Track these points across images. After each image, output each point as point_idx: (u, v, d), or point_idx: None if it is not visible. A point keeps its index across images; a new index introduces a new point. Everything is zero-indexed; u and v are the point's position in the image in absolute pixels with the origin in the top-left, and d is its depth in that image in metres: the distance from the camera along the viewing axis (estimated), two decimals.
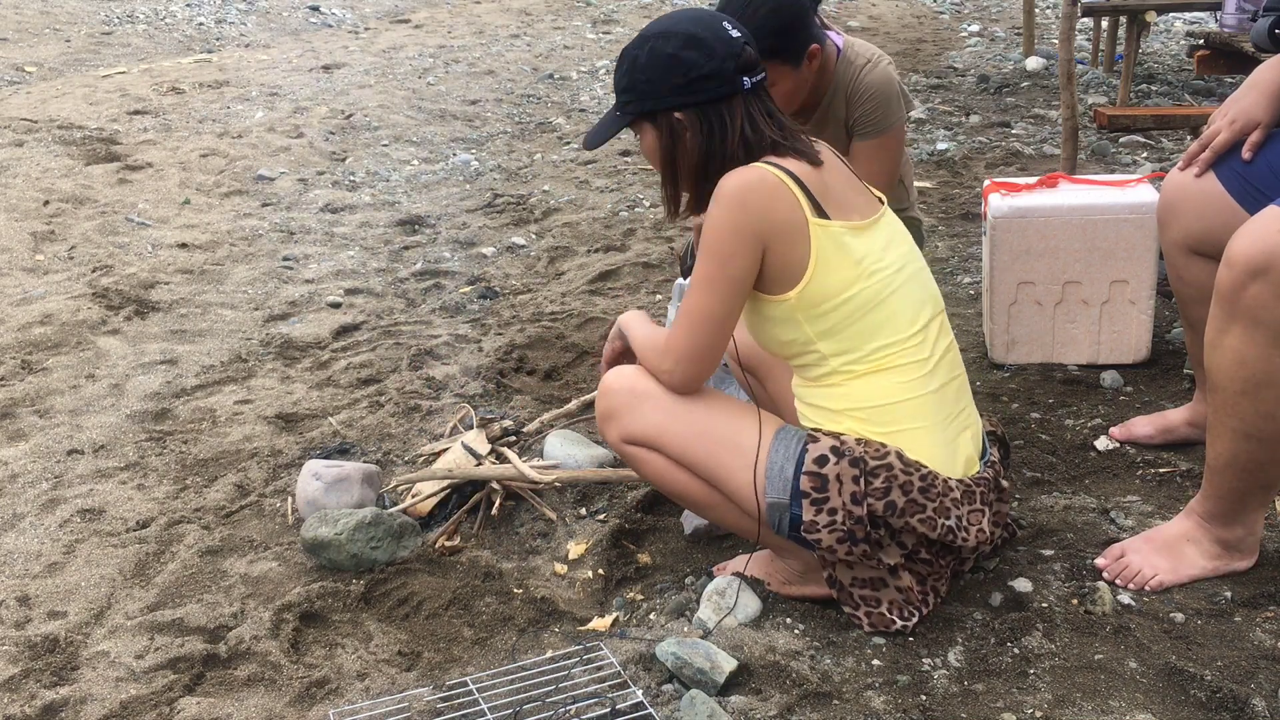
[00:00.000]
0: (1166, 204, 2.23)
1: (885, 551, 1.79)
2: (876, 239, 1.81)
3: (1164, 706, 1.65)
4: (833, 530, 1.75)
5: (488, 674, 1.87)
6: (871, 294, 1.77)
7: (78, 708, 1.90)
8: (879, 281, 1.77)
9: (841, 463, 1.75)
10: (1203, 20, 8.10)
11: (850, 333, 1.78)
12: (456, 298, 3.83)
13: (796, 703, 1.68)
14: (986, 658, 1.77)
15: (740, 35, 1.81)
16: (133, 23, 10.06)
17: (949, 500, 1.78)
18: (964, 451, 1.86)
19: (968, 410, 1.90)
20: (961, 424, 1.87)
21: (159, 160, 5.60)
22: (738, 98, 1.80)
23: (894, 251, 1.83)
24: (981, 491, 1.84)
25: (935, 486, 1.77)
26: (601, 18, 10.24)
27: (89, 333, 3.60)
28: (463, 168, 5.66)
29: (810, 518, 1.76)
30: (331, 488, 2.41)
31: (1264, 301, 1.77)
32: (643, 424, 1.88)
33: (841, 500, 1.74)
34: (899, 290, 1.80)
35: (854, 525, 1.74)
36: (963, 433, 1.86)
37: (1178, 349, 2.93)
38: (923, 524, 1.76)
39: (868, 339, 1.78)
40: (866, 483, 1.74)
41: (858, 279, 1.76)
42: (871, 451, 1.76)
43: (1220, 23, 5.28)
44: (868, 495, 1.74)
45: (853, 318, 1.77)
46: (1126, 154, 5.07)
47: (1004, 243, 2.83)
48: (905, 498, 1.74)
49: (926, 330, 1.83)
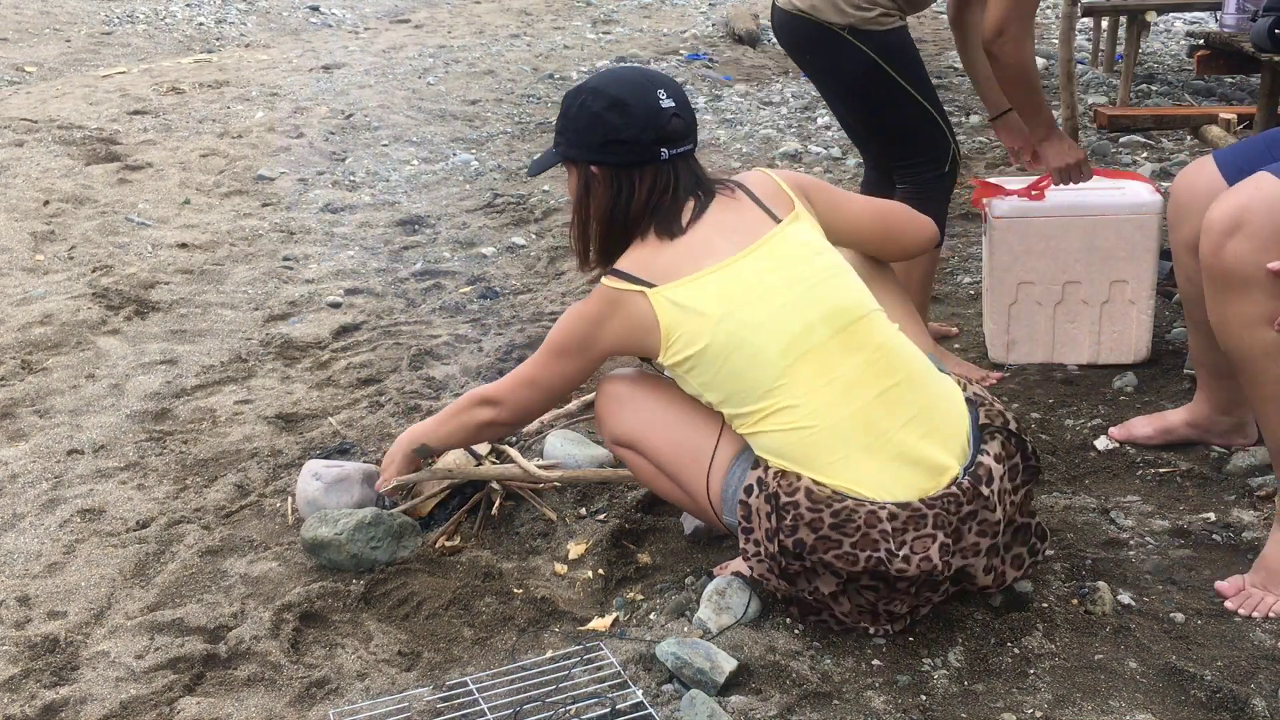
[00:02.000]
0: (1177, 204, 2.24)
1: (820, 580, 1.76)
2: (740, 276, 1.81)
3: (1164, 706, 1.65)
4: (760, 561, 1.79)
5: (488, 674, 1.87)
6: (724, 339, 1.78)
7: (78, 708, 1.90)
8: (733, 325, 1.78)
9: (760, 497, 1.77)
10: (1203, 20, 8.10)
11: (720, 380, 1.80)
12: (456, 298, 3.83)
13: (796, 703, 1.68)
14: (986, 658, 1.77)
15: (671, 106, 1.86)
16: (133, 23, 10.06)
17: (876, 532, 1.68)
18: (918, 464, 1.74)
19: (922, 414, 1.77)
20: (912, 434, 1.75)
21: (159, 160, 5.60)
22: (650, 166, 1.87)
23: (770, 278, 1.80)
24: (937, 513, 1.70)
25: (855, 520, 1.69)
26: (601, 18, 10.24)
27: (89, 333, 3.60)
28: (463, 168, 5.66)
29: (743, 545, 1.81)
30: (331, 488, 2.41)
31: (1244, 255, 1.75)
32: (626, 427, 1.98)
33: (760, 534, 1.77)
34: (767, 323, 1.77)
35: (769, 559, 1.76)
36: (918, 443, 1.75)
37: (1178, 349, 2.93)
38: (839, 559, 1.69)
39: (738, 382, 1.78)
40: (778, 518, 1.73)
41: (703, 330, 1.79)
42: (785, 486, 1.74)
43: (1220, 23, 5.28)
44: (779, 532, 1.73)
45: (714, 365, 1.79)
46: (1126, 154, 5.07)
47: (1004, 243, 2.83)
48: (814, 535, 1.70)
49: (818, 353, 1.77)
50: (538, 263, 4.20)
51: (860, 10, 2.63)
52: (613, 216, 1.91)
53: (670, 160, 1.88)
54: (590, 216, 1.95)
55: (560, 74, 7.87)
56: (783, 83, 7.23)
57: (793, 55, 2.90)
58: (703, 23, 9.59)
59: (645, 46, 8.73)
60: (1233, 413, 2.37)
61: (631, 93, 1.86)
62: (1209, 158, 2.20)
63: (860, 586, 1.74)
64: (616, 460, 2.55)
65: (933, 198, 2.77)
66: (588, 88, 1.90)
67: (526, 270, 4.13)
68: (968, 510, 1.73)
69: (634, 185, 1.88)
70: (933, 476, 1.74)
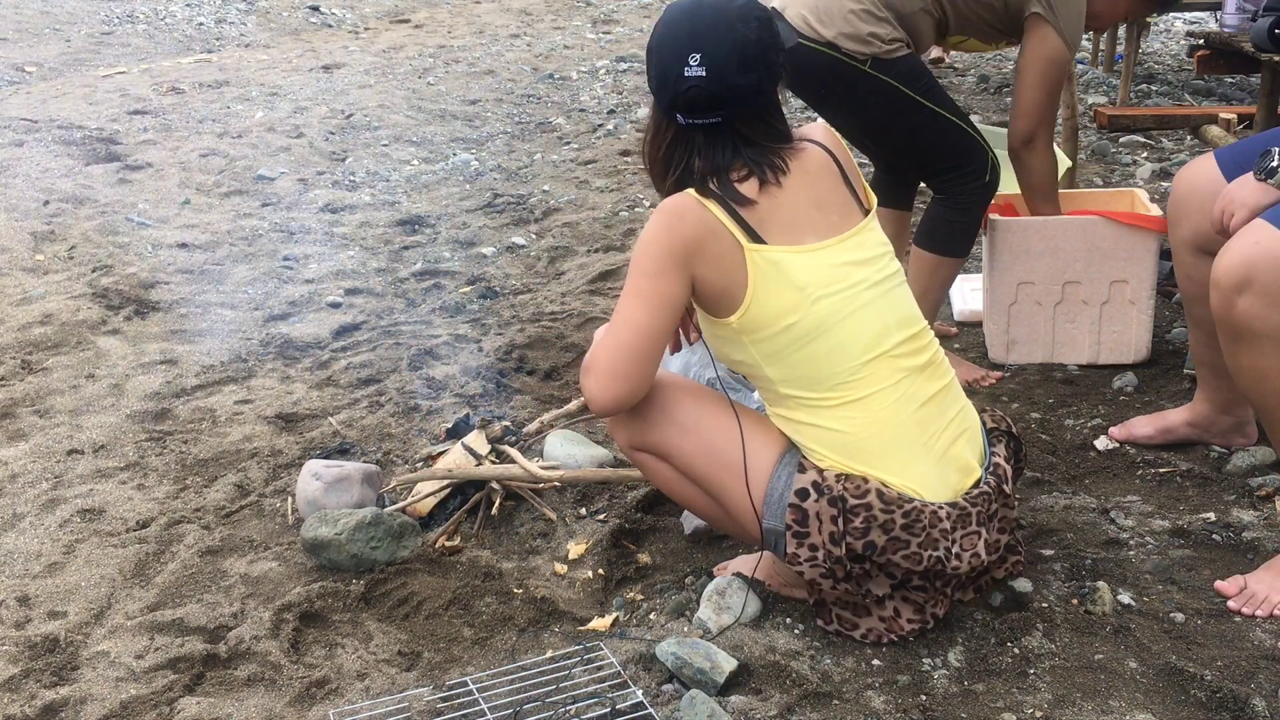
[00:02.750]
0: (1177, 202, 2.24)
1: (874, 582, 1.77)
2: (832, 261, 1.75)
3: (1164, 706, 1.65)
4: (814, 565, 1.74)
5: (488, 674, 1.87)
6: (815, 321, 1.72)
7: (78, 708, 1.90)
8: (826, 308, 1.72)
9: (821, 500, 1.72)
10: (1203, 20, 8.10)
11: (794, 360, 1.74)
12: (456, 298, 3.83)
13: (796, 703, 1.68)
14: (986, 658, 1.77)
15: (698, 75, 1.71)
16: (133, 23, 10.05)
17: (937, 531, 1.71)
18: (956, 466, 1.80)
19: (959, 417, 1.83)
20: (951, 436, 1.80)
21: (159, 160, 5.60)
22: (674, 124, 1.78)
23: (858, 272, 1.77)
24: (978, 511, 1.77)
25: (921, 520, 1.71)
26: (601, 18, 10.24)
27: (89, 333, 3.60)
28: (463, 168, 5.66)
29: (793, 550, 1.75)
30: (331, 488, 2.41)
31: (1255, 312, 1.79)
32: (647, 432, 1.87)
33: (821, 538, 1.72)
34: (854, 315, 1.74)
35: (834, 564, 1.73)
36: (954, 444, 1.80)
37: (1178, 349, 2.93)
38: (907, 560, 1.71)
39: (814, 367, 1.74)
40: (846, 521, 1.71)
41: (798, 305, 1.71)
42: (851, 489, 1.72)
43: (1220, 23, 5.28)
44: (846, 534, 1.71)
45: (796, 345, 1.73)
46: (1126, 154, 5.07)
47: (1004, 243, 2.83)
48: (886, 536, 1.70)
49: (893, 354, 1.77)
50: (538, 263, 4.20)
51: (881, 43, 2.59)
52: (653, 155, 1.84)
53: (689, 128, 1.77)
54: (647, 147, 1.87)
55: (560, 74, 7.86)
56: None
57: (803, 89, 2.77)
58: None
59: (645, 47, 8.72)
60: (1233, 412, 2.37)
61: (669, 45, 1.75)
62: (1209, 156, 2.20)
63: (911, 588, 1.77)
64: (616, 460, 2.55)
65: (974, 207, 2.75)
66: (662, 20, 1.81)
67: (526, 270, 4.13)
68: (994, 509, 1.81)
69: (661, 132, 1.82)
70: (965, 477, 1.81)
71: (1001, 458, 1.88)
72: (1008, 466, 1.87)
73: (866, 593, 1.78)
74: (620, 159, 5.64)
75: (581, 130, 6.36)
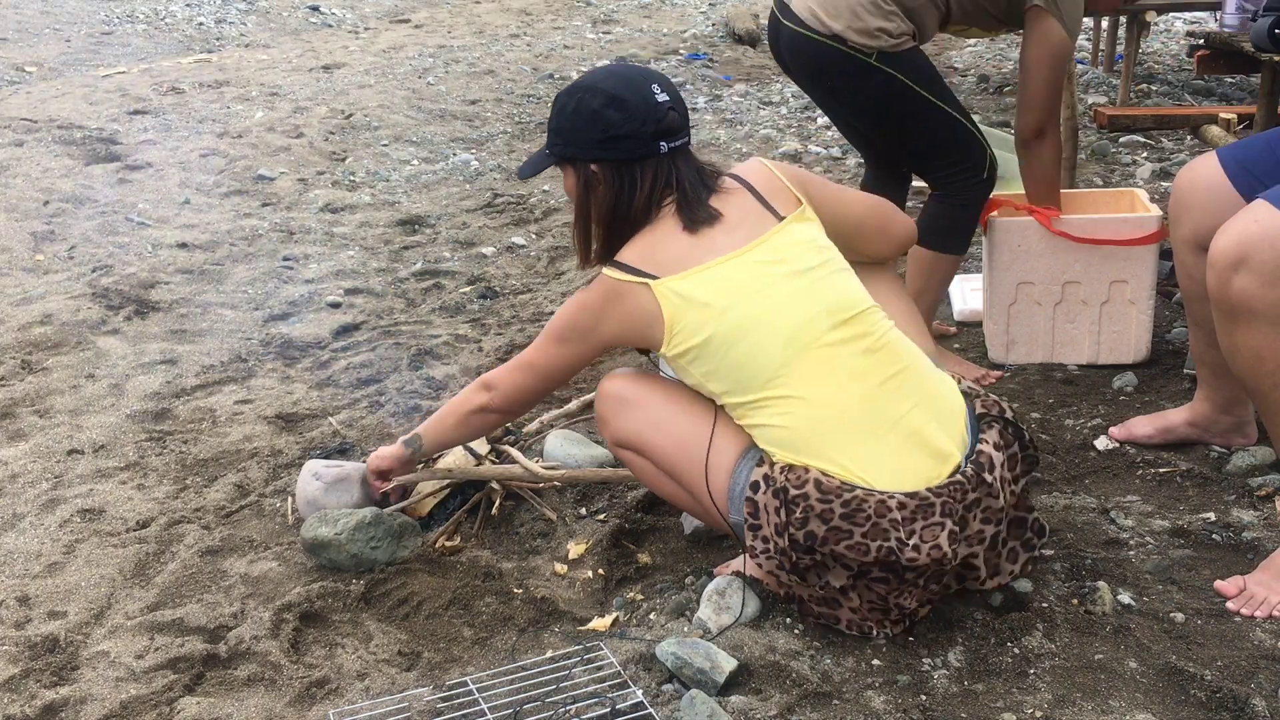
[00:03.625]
0: (1177, 201, 2.24)
1: (831, 574, 1.77)
2: (734, 271, 1.81)
3: (1164, 706, 1.65)
4: (769, 558, 1.78)
5: (488, 674, 1.87)
6: (727, 329, 1.78)
7: (78, 708, 1.90)
8: (737, 315, 1.78)
9: (768, 492, 1.76)
10: (1203, 20, 8.09)
11: (723, 370, 1.81)
12: (456, 298, 3.83)
13: (796, 703, 1.68)
14: (986, 658, 1.77)
15: (666, 100, 1.88)
16: (133, 23, 10.05)
17: (886, 521, 1.69)
18: (927, 452, 1.76)
19: (927, 401, 1.80)
20: (917, 421, 1.77)
21: (159, 160, 5.60)
22: (651, 160, 1.88)
23: (773, 270, 1.81)
24: (944, 501, 1.71)
25: (864, 509, 1.70)
26: (601, 18, 10.24)
27: (89, 333, 3.60)
28: (463, 168, 5.66)
29: (750, 543, 1.80)
30: (331, 488, 2.41)
31: (1251, 291, 1.79)
32: (628, 430, 1.96)
33: (769, 530, 1.76)
34: (769, 314, 1.79)
35: (779, 555, 1.76)
36: (922, 430, 1.77)
37: (1178, 349, 2.93)
38: (851, 550, 1.71)
39: (740, 371, 1.79)
40: (788, 512, 1.73)
41: (707, 321, 1.79)
42: (793, 480, 1.75)
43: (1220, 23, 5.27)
44: (789, 525, 1.73)
45: (717, 355, 1.80)
46: (1126, 154, 5.07)
47: (1004, 243, 2.83)
48: (825, 526, 1.71)
49: (821, 342, 1.78)
50: (538, 263, 4.20)
51: (888, 37, 2.59)
52: (615, 213, 1.91)
53: (670, 153, 1.89)
54: (592, 215, 1.95)
55: (560, 74, 7.86)
56: (783, 83, 7.23)
57: (806, 80, 2.80)
58: (703, 22, 9.59)
59: (645, 46, 8.73)
60: (1234, 411, 2.37)
61: (627, 88, 1.87)
62: (1211, 155, 2.20)
63: (871, 579, 1.75)
64: (617, 460, 2.56)
65: (971, 204, 2.76)
66: (582, 85, 1.91)
67: (526, 270, 4.13)
68: (973, 498, 1.75)
69: (636, 180, 1.88)
70: (937, 464, 1.77)
71: (990, 444, 1.81)
72: (995, 454, 1.80)
73: (825, 584, 1.78)
74: None
75: None
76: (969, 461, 1.79)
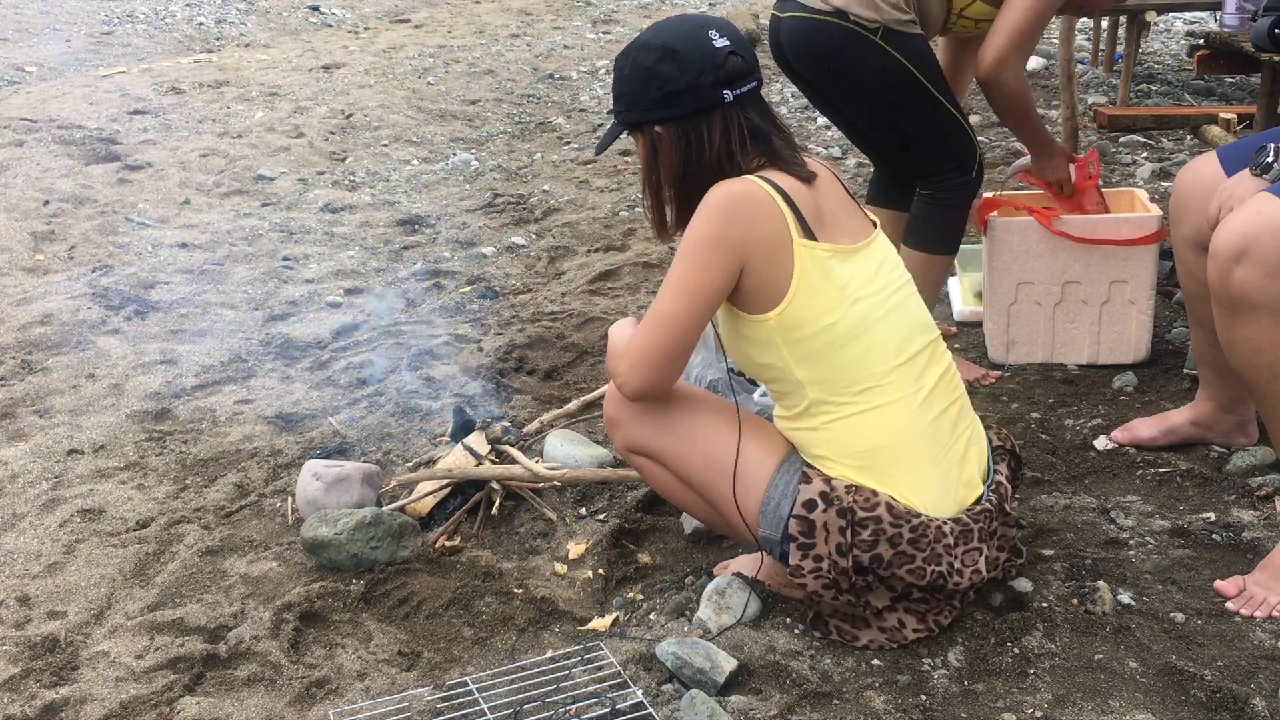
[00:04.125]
0: (1178, 201, 2.24)
1: (873, 595, 1.77)
2: (865, 264, 1.76)
3: (1164, 706, 1.65)
4: (818, 577, 1.73)
5: (488, 674, 1.87)
6: (853, 322, 1.71)
7: (78, 708, 1.90)
8: (863, 309, 1.72)
9: (829, 511, 1.71)
10: (1203, 20, 8.10)
11: (830, 363, 1.73)
12: (456, 298, 3.83)
13: (796, 703, 1.68)
14: (986, 658, 1.77)
15: (726, 44, 1.75)
16: (133, 23, 10.05)
17: (941, 546, 1.72)
18: (964, 480, 1.80)
19: (968, 433, 1.84)
20: (959, 451, 1.81)
21: (159, 160, 5.60)
22: (718, 111, 1.76)
23: (882, 277, 1.77)
24: (980, 527, 1.76)
25: (927, 535, 1.71)
26: (601, 18, 10.24)
27: (89, 333, 3.60)
28: (463, 168, 5.66)
29: (796, 562, 1.73)
30: (331, 488, 2.41)
31: (1252, 282, 1.79)
32: (644, 436, 1.88)
33: (828, 549, 1.71)
34: (884, 319, 1.74)
35: (839, 575, 1.72)
36: (962, 459, 1.80)
37: (1178, 349, 2.93)
38: (911, 574, 1.71)
39: (847, 370, 1.73)
40: (854, 534, 1.70)
41: (839, 305, 1.71)
42: (861, 501, 1.71)
43: (1220, 23, 5.28)
44: (854, 547, 1.70)
45: (833, 346, 1.72)
46: (1126, 154, 5.07)
47: (1004, 243, 2.83)
48: (893, 550, 1.70)
49: (915, 361, 1.76)
50: (538, 263, 4.20)
51: (895, 10, 2.55)
52: (685, 174, 1.78)
53: (737, 101, 1.76)
54: (661, 181, 1.83)
55: (560, 74, 7.86)
56: (783, 83, 7.22)
57: (806, 69, 2.72)
58: None
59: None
60: (1235, 411, 2.37)
61: (682, 39, 1.75)
62: (1211, 154, 2.21)
63: (910, 601, 1.77)
64: (617, 461, 2.55)
65: (958, 204, 2.74)
66: (636, 44, 1.80)
67: (526, 270, 4.13)
68: (995, 526, 1.80)
69: (703, 136, 1.76)
70: (970, 492, 1.81)
71: (1004, 475, 1.88)
72: (1009, 485, 1.88)
73: (865, 604, 1.77)
74: (620, 159, 5.64)
75: (581, 130, 6.36)
76: (990, 491, 1.83)
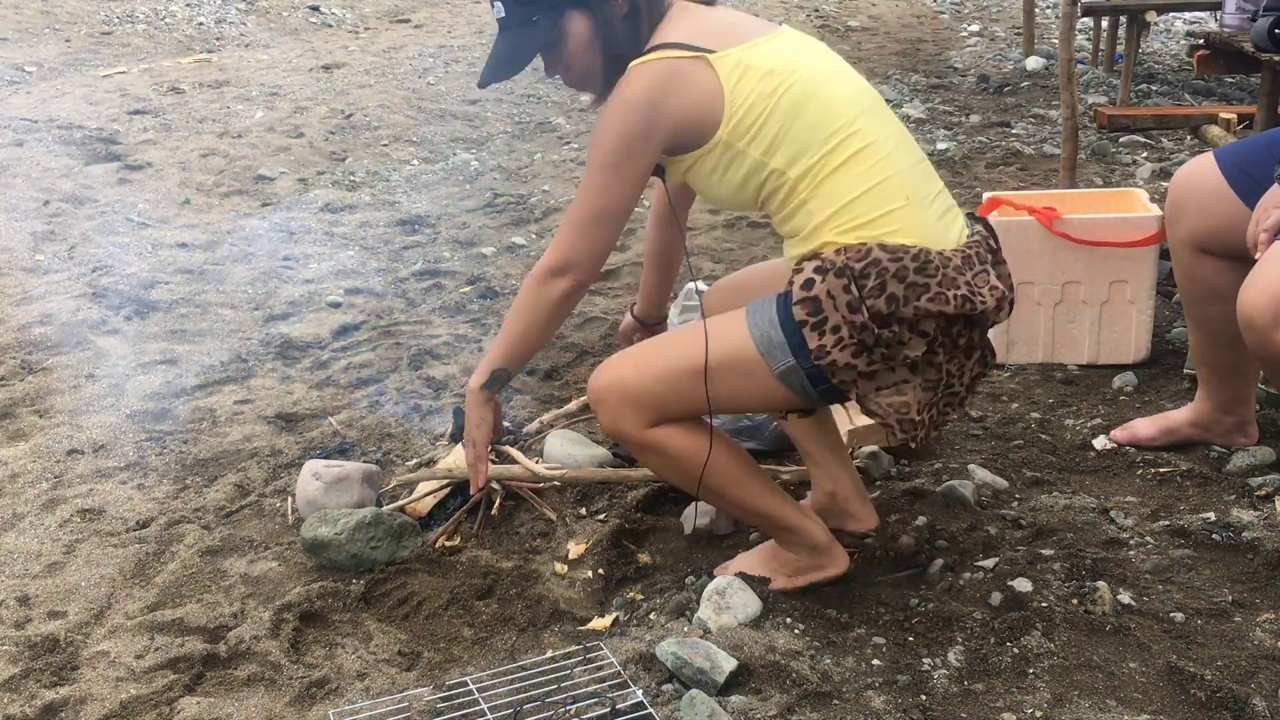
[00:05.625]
0: (1174, 202, 2.24)
1: (908, 346, 1.73)
2: (784, 47, 1.81)
3: (1164, 706, 1.65)
4: (844, 347, 1.70)
5: (488, 674, 1.87)
6: (798, 91, 1.75)
7: (78, 708, 1.90)
8: (801, 78, 1.75)
9: (828, 278, 1.70)
10: (1203, 20, 8.10)
11: (793, 134, 1.75)
12: (456, 298, 3.83)
13: (796, 703, 1.68)
14: (986, 658, 1.77)
15: None
16: (133, 23, 10.05)
17: (951, 269, 1.73)
18: (953, 227, 1.83)
19: (944, 192, 1.87)
20: (943, 203, 1.84)
21: (159, 160, 5.60)
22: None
23: (808, 55, 1.83)
24: (978, 253, 1.80)
25: (932, 261, 1.71)
26: None
27: (89, 333, 3.60)
28: (463, 168, 5.66)
29: (816, 343, 1.70)
30: (331, 488, 2.41)
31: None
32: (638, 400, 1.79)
33: (840, 314, 1.69)
34: (829, 79, 1.79)
35: (861, 334, 1.69)
36: (946, 212, 1.84)
37: (1178, 349, 2.93)
38: (933, 301, 1.69)
39: (814, 132, 1.75)
40: (859, 286, 1.69)
41: (777, 87, 1.74)
42: (853, 255, 1.71)
43: (1220, 23, 5.28)
44: (864, 299, 1.69)
45: (788, 119, 1.74)
46: (1126, 154, 5.07)
47: (1003, 243, 2.82)
48: (903, 284, 1.69)
49: (875, 111, 1.81)
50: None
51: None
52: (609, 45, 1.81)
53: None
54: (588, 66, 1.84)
55: None
56: None
57: None
58: None
59: None
60: (1235, 411, 2.37)
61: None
62: (1208, 155, 2.20)
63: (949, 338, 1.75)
64: (616, 460, 2.56)
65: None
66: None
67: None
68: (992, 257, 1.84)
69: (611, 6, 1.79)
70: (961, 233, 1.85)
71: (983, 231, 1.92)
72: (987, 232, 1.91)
73: (903, 358, 1.73)
74: None
75: (581, 130, 6.36)
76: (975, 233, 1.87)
